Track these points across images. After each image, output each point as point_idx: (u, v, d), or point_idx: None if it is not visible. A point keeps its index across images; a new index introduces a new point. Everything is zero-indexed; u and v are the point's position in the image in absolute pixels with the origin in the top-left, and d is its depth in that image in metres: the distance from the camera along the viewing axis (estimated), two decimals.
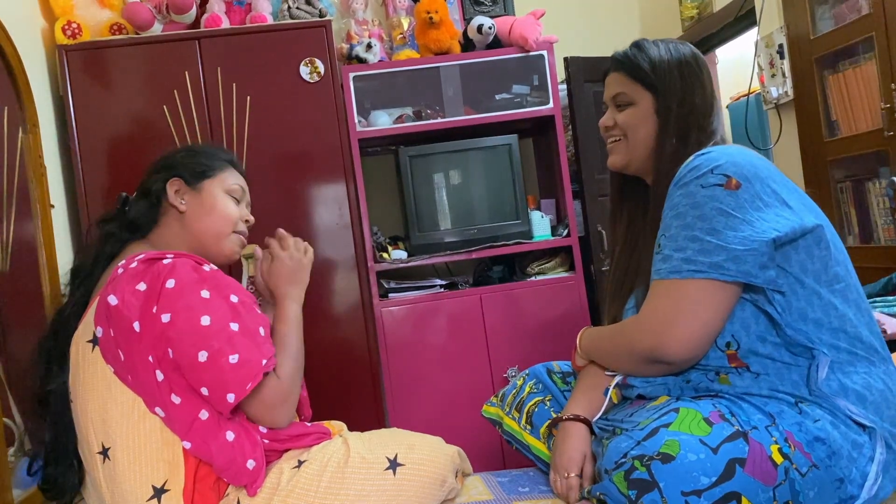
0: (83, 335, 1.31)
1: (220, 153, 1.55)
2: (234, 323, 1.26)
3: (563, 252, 2.99)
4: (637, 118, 1.39)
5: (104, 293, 1.27)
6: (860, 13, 2.44)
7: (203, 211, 1.46)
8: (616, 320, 1.44)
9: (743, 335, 1.21)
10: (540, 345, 2.84)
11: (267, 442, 1.30)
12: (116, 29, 2.71)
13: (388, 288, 2.89)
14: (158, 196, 1.46)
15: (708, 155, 1.23)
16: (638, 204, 1.49)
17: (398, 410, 2.80)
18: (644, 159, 1.40)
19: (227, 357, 1.22)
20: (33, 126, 2.19)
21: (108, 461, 1.26)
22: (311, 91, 2.77)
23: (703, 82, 1.37)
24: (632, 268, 1.45)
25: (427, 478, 1.34)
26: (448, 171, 2.95)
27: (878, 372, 1.21)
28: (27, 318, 2.06)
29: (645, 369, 1.28)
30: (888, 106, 2.30)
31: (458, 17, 3.09)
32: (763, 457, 1.06)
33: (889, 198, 2.44)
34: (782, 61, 2.85)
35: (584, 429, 1.38)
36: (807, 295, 1.21)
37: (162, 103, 2.68)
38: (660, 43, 1.40)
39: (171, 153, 1.54)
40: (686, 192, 1.21)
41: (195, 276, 1.28)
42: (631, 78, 1.40)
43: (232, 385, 1.22)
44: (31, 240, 2.12)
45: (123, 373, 1.25)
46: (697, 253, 1.17)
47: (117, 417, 1.25)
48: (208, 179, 1.48)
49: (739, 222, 1.16)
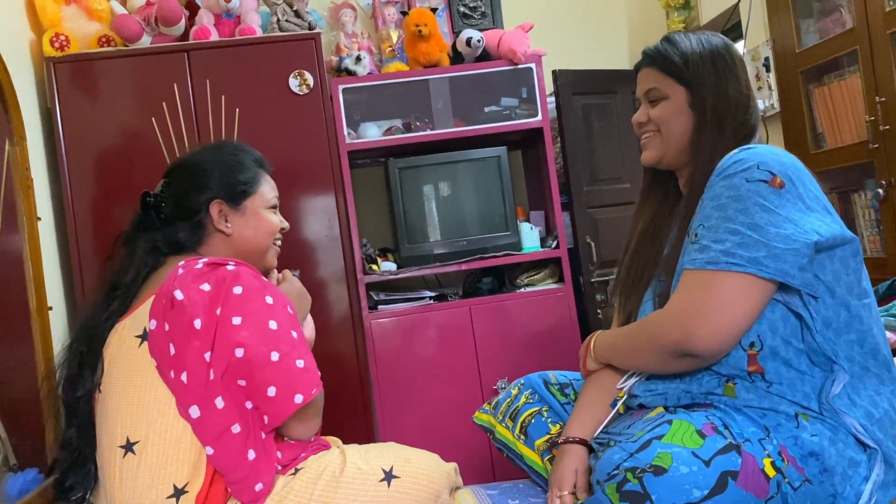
0: (131, 329, 1.31)
1: (252, 162, 1.53)
2: (294, 331, 1.31)
3: (553, 264, 2.99)
4: (671, 112, 1.36)
5: (167, 288, 1.26)
6: (844, 27, 2.47)
7: (249, 231, 1.48)
8: (631, 317, 1.42)
9: (768, 336, 1.20)
10: (529, 356, 2.84)
11: (280, 468, 1.31)
12: (105, 41, 2.70)
13: (377, 300, 2.88)
14: (202, 220, 1.45)
15: (753, 150, 1.22)
16: (666, 198, 1.46)
17: (387, 422, 2.79)
18: (678, 153, 1.37)
19: (294, 360, 1.26)
20: (20, 138, 2.18)
21: (132, 455, 1.26)
22: (300, 103, 2.77)
23: (738, 74, 1.35)
24: (650, 259, 1.42)
25: (422, 492, 1.34)
26: (437, 183, 2.95)
27: (885, 391, 1.22)
28: (13, 331, 2.04)
29: (671, 364, 1.24)
30: (873, 118, 2.33)
31: (447, 31, 3.10)
32: (755, 470, 1.06)
33: (875, 209, 2.46)
34: (768, 74, 2.88)
35: (580, 448, 1.37)
36: (835, 305, 1.20)
37: (150, 116, 2.67)
38: (691, 36, 1.38)
39: (201, 164, 1.50)
40: (730, 183, 1.20)
41: (258, 283, 1.31)
42: (663, 72, 1.37)
43: (300, 387, 1.26)
44: (18, 252, 2.10)
45: (167, 368, 1.25)
46: (737, 246, 1.15)
47: (154, 414, 1.26)
48: (250, 198, 1.49)
49: (782, 220, 1.15)
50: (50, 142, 2.63)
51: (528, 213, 3.14)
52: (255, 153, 1.57)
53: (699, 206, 1.25)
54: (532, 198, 3.32)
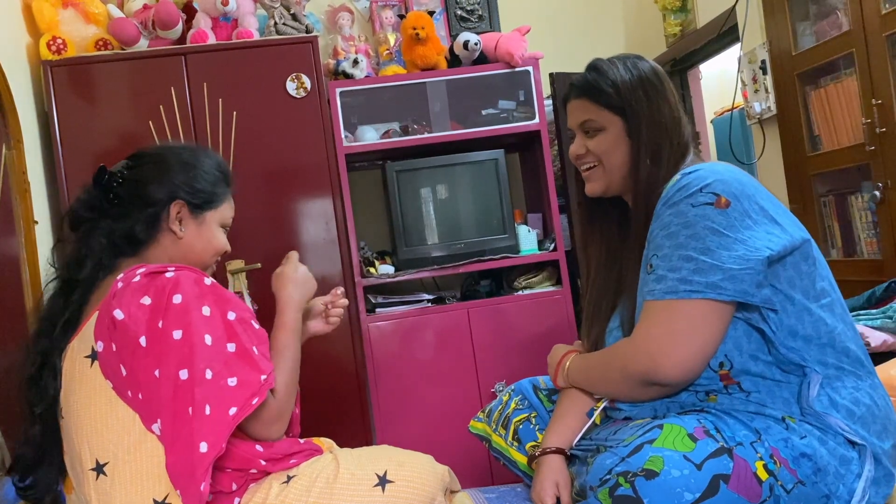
0: (80, 350, 1.29)
1: (221, 177, 1.50)
2: (232, 342, 1.26)
3: (550, 266, 3.00)
4: (609, 143, 1.36)
5: (107, 307, 1.25)
6: (840, 30, 2.47)
7: (200, 243, 1.45)
8: (598, 342, 1.42)
9: (736, 355, 1.20)
10: (527, 359, 2.84)
11: (264, 463, 1.29)
12: (102, 44, 2.70)
13: (375, 303, 2.89)
14: (158, 214, 1.41)
15: (696, 173, 1.22)
16: (611, 223, 1.46)
17: (385, 425, 2.79)
18: (621, 180, 1.37)
19: (226, 379, 1.22)
20: (17, 142, 2.18)
21: (104, 477, 1.24)
22: (297, 106, 2.77)
23: (667, 97, 1.35)
24: (611, 287, 1.42)
25: (416, 495, 1.33)
26: (435, 186, 2.96)
27: (864, 386, 1.22)
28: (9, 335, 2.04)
29: (639, 392, 1.25)
30: (869, 121, 2.33)
31: (444, 34, 3.11)
32: (747, 473, 1.07)
33: (871, 211, 2.46)
34: (765, 77, 2.88)
35: (558, 459, 1.39)
36: (797, 311, 1.20)
37: (148, 119, 2.67)
38: (617, 62, 1.37)
39: (173, 159, 1.46)
40: (676, 211, 1.20)
41: (197, 290, 1.27)
42: (596, 103, 1.36)
43: (234, 401, 1.21)
44: (15, 256, 2.10)
45: (123, 388, 1.24)
46: (693, 273, 1.16)
47: (117, 433, 1.24)
48: (211, 211, 1.46)
49: (732, 241, 1.15)
50: (47, 145, 2.63)
51: (525, 216, 3.15)
52: (228, 170, 1.54)
53: (649, 237, 1.25)
54: (529, 200, 3.33)
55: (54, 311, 1.38)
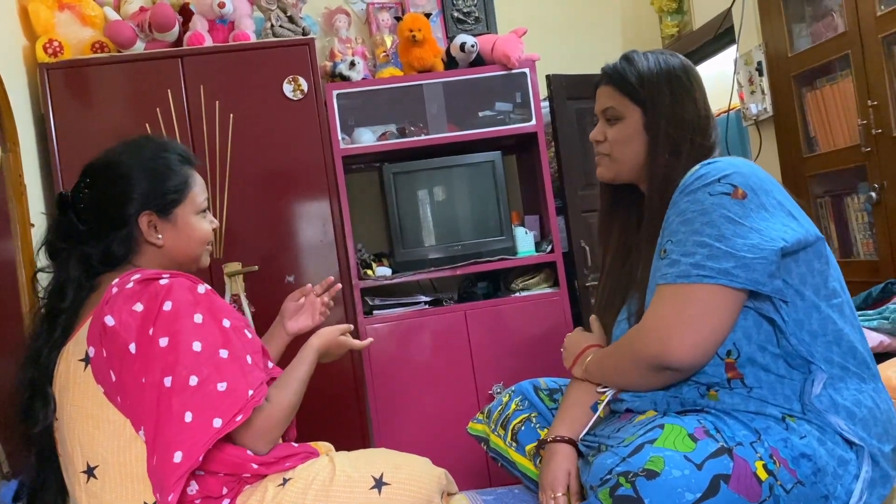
0: (74, 353, 1.29)
1: (179, 162, 1.44)
2: (224, 349, 1.25)
3: (548, 268, 3.00)
4: (625, 135, 1.37)
5: (99, 313, 1.25)
6: (836, 31, 2.48)
7: (181, 242, 1.43)
8: (606, 331, 1.43)
9: (744, 343, 1.21)
10: (525, 361, 2.84)
11: (256, 466, 1.28)
12: (98, 47, 2.70)
13: (372, 305, 2.88)
14: (132, 232, 1.38)
15: (715, 164, 1.23)
16: (630, 213, 1.47)
17: (383, 427, 2.78)
18: (632, 171, 1.39)
19: (215, 384, 1.21)
20: (13, 144, 2.18)
21: (94, 479, 1.24)
22: (294, 109, 2.77)
23: (695, 97, 1.35)
24: (623, 279, 1.43)
25: (413, 498, 1.33)
26: (432, 188, 2.96)
27: (867, 389, 1.22)
28: (7, 338, 2.03)
29: (651, 378, 1.25)
30: (865, 122, 2.34)
31: (440, 36, 3.11)
32: (747, 473, 1.07)
33: (868, 212, 2.47)
34: (761, 78, 2.89)
35: (569, 448, 1.37)
36: (806, 307, 1.21)
37: (144, 122, 2.66)
38: (650, 55, 1.38)
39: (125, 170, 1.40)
40: (693, 198, 1.21)
41: (190, 297, 1.27)
42: (620, 92, 1.38)
43: (220, 411, 1.20)
44: (11, 259, 2.09)
45: (113, 394, 1.24)
46: (706, 258, 1.16)
47: (108, 436, 1.24)
48: (180, 206, 1.42)
49: (747, 230, 1.16)
50: (43, 148, 2.63)
51: (522, 218, 3.15)
52: (179, 148, 1.47)
53: (665, 224, 1.26)
54: (527, 202, 3.33)
55: (39, 343, 1.36)
